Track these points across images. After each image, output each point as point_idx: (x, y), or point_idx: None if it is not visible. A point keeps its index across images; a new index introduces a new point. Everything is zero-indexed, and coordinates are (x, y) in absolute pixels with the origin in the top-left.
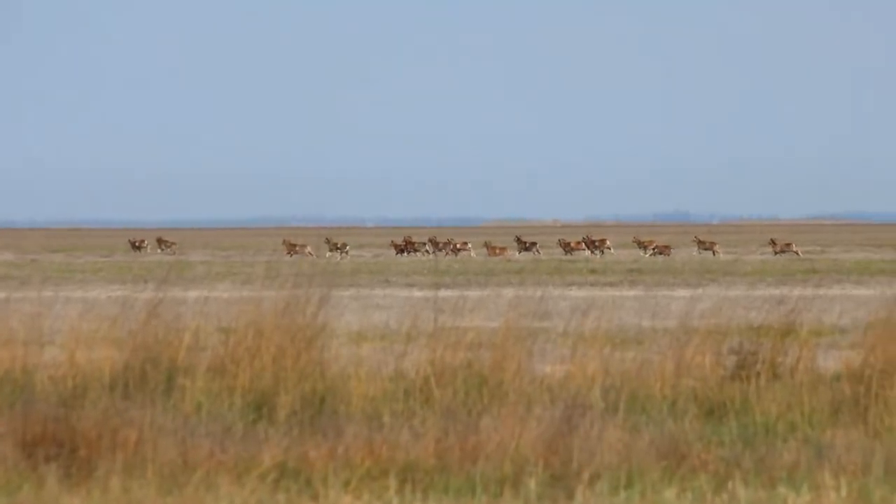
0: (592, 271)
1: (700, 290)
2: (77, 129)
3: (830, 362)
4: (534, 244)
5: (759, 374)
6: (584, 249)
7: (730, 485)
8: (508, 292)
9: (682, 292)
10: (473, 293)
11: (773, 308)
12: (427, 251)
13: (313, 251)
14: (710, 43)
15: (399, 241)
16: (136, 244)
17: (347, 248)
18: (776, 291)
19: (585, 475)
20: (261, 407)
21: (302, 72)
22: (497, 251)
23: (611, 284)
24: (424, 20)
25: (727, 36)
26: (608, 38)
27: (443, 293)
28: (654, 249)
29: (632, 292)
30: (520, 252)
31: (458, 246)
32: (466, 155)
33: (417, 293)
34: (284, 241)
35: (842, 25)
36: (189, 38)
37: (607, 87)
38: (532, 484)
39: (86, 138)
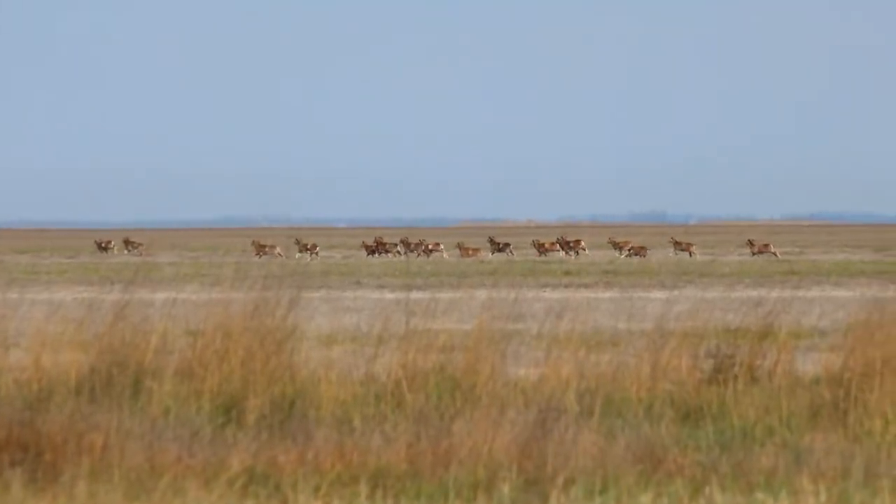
0: (567, 273)
1: (676, 292)
2: (42, 128)
3: (809, 365)
4: (507, 245)
5: (736, 377)
6: (558, 250)
7: (707, 490)
8: (481, 294)
9: (659, 294)
10: (446, 295)
11: (750, 310)
12: (399, 252)
13: (283, 252)
14: (686, 41)
15: (370, 241)
16: (103, 245)
17: (317, 248)
18: (754, 293)
19: (560, 480)
20: (229, 411)
21: (269, 71)
22: (470, 252)
23: (586, 286)
24: (397, 18)
25: (703, 34)
26: (583, 36)
27: (415, 295)
28: (629, 250)
29: (607, 294)
30: (493, 253)
31: (430, 247)
32: (439, 154)
33: (389, 295)
34: (253, 242)
35: (818, 23)
36: (154, 37)
37: (582, 85)
38: (506, 489)
39: (51, 138)
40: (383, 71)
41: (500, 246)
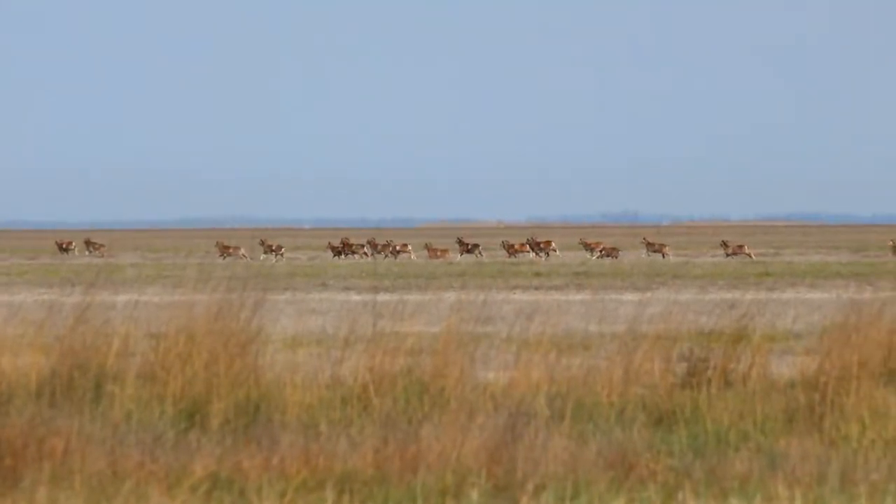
0: (537, 274)
1: (649, 294)
2: None
3: (784, 369)
4: (476, 246)
5: (710, 381)
6: (528, 251)
7: (680, 495)
8: (450, 296)
9: (631, 296)
10: (413, 297)
11: (724, 312)
12: (366, 253)
13: (247, 253)
14: (656, 41)
15: (336, 242)
16: (63, 246)
17: (283, 249)
18: (728, 295)
19: (530, 486)
20: (193, 415)
21: (234, 69)
22: (438, 253)
23: (556, 288)
24: (357, 17)
25: (675, 34)
26: (551, 34)
27: (382, 297)
28: (601, 251)
29: (578, 296)
30: (462, 254)
31: (397, 248)
32: (406, 154)
33: (355, 297)
34: (217, 243)
35: (794, 22)
36: (111, 34)
37: (552, 85)
38: (474, 495)
39: (7, 136)
40: (349, 72)
41: (469, 247)
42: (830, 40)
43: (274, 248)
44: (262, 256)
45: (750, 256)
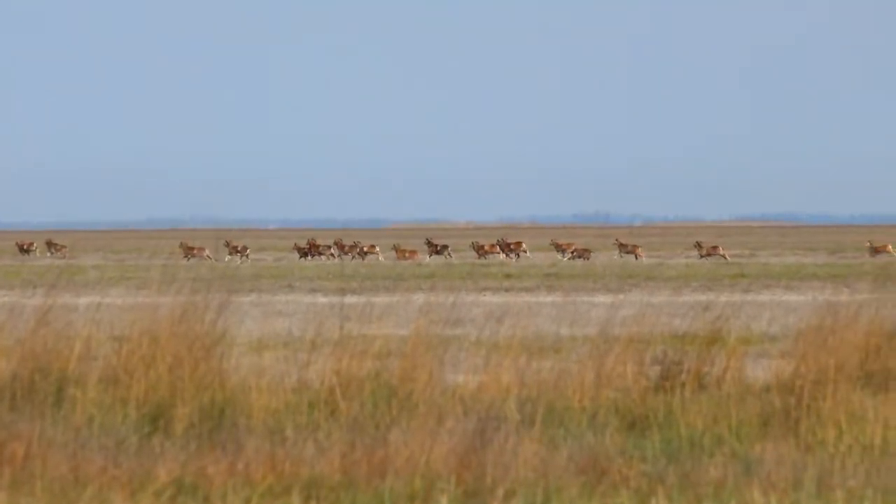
0: (508, 276)
1: (621, 296)
2: None
3: (760, 372)
4: (445, 247)
5: (684, 384)
6: (498, 253)
7: (653, 501)
8: (418, 298)
9: (603, 298)
10: (381, 299)
11: (698, 315)
12: (332, 255)
13: (212, 254)
14: (630, 40)
15: (303, 243)
16: (24, 247)
17: (248, 251)
18: (702, 297)
19: (500, 491)
20: (156, 419)
21: (196, 69)
22: (406, 254)
23: (527, 290)
24: (315, 14)
25: (649, 34)
26: (521, 33)
27: (349, 299)
28: (573, 253)
29: (549, 298)
30: (430, 256)
31: (365, 249)
32: (374, 154)
33: (322, 299)
34: (181, 244)
35: (769, 23)
36: (70, 31)
37: (521, 85)
38: (443, 500)
39: None
40: (312, 71)
41: (438, 248)
42: (801, 39)
43: (239, 249)
44: (227, 258)
45: (724, 258)
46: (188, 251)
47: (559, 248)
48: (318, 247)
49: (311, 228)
